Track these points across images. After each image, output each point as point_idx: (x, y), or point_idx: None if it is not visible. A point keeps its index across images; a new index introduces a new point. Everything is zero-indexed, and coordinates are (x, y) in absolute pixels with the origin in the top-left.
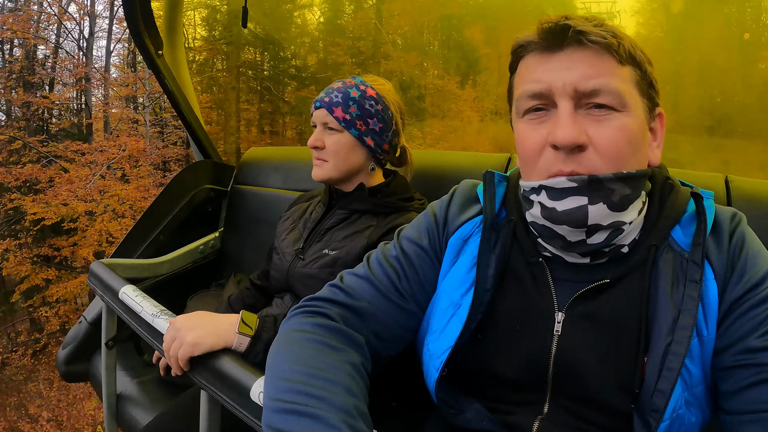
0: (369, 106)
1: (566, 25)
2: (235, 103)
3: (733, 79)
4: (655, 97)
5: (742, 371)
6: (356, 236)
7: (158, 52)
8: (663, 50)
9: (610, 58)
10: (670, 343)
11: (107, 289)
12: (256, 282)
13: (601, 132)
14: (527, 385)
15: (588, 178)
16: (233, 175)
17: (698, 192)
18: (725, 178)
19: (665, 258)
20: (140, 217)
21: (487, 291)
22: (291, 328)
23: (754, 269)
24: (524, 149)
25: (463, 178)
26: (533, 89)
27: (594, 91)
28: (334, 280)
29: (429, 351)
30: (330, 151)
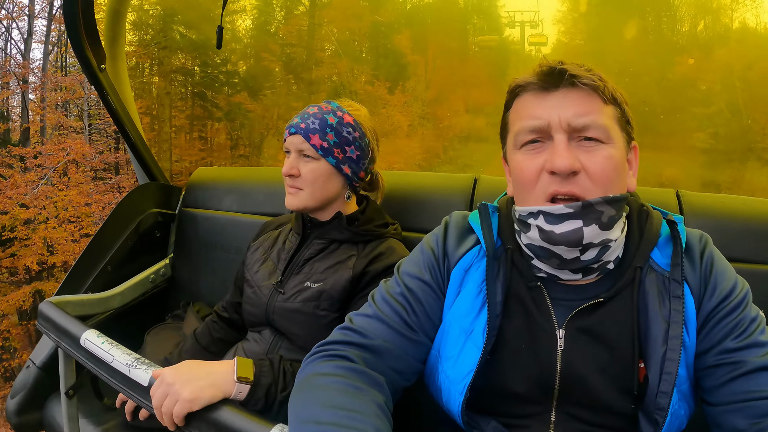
0: (347, 134)
1: (563, 69)
2: (168, 108)
3: (648, 83)
4: (631, 132)
5: (722, 369)
6: (339, 267)
7: (101, 66)
8: (583, 56)
9: (597, 98)
10: (666, 352)
11: (64, 334)
12: (222, 314)
13: (592, 160)
14: (536, 397)
15: (582, 204)
16: (181, 198)
17: (672, 218)
18: (676, 193)
19: (650, 278)
20: (85, 249)
21: (497, 316)
22: (312, 373)
23: (723, 283)
24: (523, 176)
25: (430, 199)
26: (533, 125)
27: (585, 126)
28: (345, 322)
29: (448, 377)
30: (306, 180)
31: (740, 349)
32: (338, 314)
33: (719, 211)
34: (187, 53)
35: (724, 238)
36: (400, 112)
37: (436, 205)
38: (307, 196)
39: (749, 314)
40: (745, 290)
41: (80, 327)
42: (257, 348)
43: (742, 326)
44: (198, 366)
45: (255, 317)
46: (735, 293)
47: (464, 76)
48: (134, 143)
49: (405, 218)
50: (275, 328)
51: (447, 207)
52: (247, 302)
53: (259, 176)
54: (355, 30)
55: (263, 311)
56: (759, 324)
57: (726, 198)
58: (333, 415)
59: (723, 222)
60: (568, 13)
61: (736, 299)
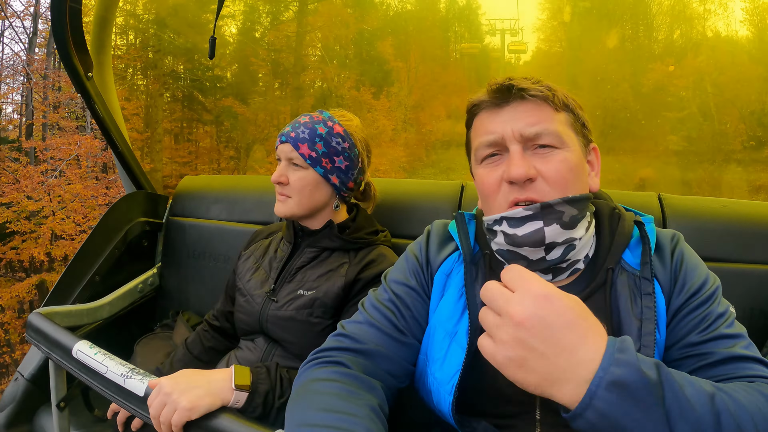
0: (336, 144)
1: (510, 84)
2: (161, 110)
3: (624, 88)
4: (588, 135)
5: (687, 361)
6: (331, 275)
7: (88, 74)
8: (561, 63)
9: (547, 107)
10: (639, 348)
11: (55, 346)
12: (213, 323)
13: (547, 165)
14: (520, 396)
15: (540, 205)
16: (168, 206)
17: (640, 219)
18: (658, 196)
19: (621, 279)
20: (72, 259)
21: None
22: (308, 379)
23: (693, 279)
24: (485, 187)
25: (418, 206)
26: (488, 140)
27: (537, 135)
28: (337, 329)
29: (436, 379)
30: (294, 188)
31: (704, 342)
32: (331, 321)
33: (700, 213)
34: (177, 57)
35: (704, 238)
36: (384, 116)
37: (424, 212)
38: (294, 204)
39: (716, 310)
40: (714, 286)
41: (72, 338)
42: (251, 356)
43: (707, 321)
44: (195, 374)
45: (248, 325)
46: (704, 289)
47: (445, 83)
48: (121, 152)
49: (394, 225)
50: (269, 336)
51: (435, 214)
52: (240, 311)
53: (247, 184)
54: (342, 37)
55: (256, 319)
56: (726, 318)
57: (706, 200)
58: (327, 418)
59: (703, 223)
60: (548, 21)
61: (704, 294)
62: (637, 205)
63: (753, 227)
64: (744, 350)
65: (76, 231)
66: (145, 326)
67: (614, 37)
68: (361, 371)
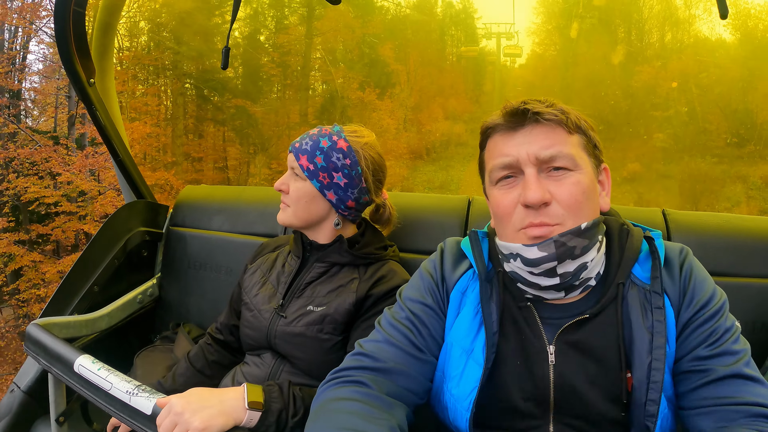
0: (336, 159)
1: (526, 108)
2: (181, 108)
3: (613, 89)
4: (600, 155)
5: (694, 375)
6: (342, 291)
7: (90, 80)
8: (556, 66)
9: (561, 130)
10: (651, 361)
11: (56, 360)
12: (217, 336)
13: (561, 189)
14: (534, 411)
15: (554, 243)
16: (168, 216)
17: (650, 234)
18: (662, 212)
19: (632, 293)
20: (71, 268)
21: (494, 333)
22: (327, 398)
23: (701, 293)
24: (499, 209)
25: (425, 220)
26: (503, 162)
27: (552, 158)
28: (356, 349)
29: (453, 396)
30: (291, 198)
31: (711, 357)
32: (341, 337)
33: (703, 228)
34: (191, 61)
35: (707, 253)
36: (389, 116)
37: (432, 227)
38: (291, 213)
39: (724, 324)
40: (722, 301)
41: (73, 352)
42: (258, 372)
43: (716, 335)
44: (206, 393)
45: (255, 341)
46: (712, 303)
47: (442, 85)
48: (122, 160)
49: (401, 239)
50: (276, 352)
51: (442, 228)
52: (247, 326)
53: (250, 195)
54: (348, 41)
55: (264, 335)
56: (733, 333)
57: (709, 215)
58: None
59: (706, 238)
60: (542, 26)
61: (712, 309)
62: (642, 221)
63: (754, 241)
64: (745, 368)
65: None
66: (145, 338)
67: (606, 41)
68: (381, 390)
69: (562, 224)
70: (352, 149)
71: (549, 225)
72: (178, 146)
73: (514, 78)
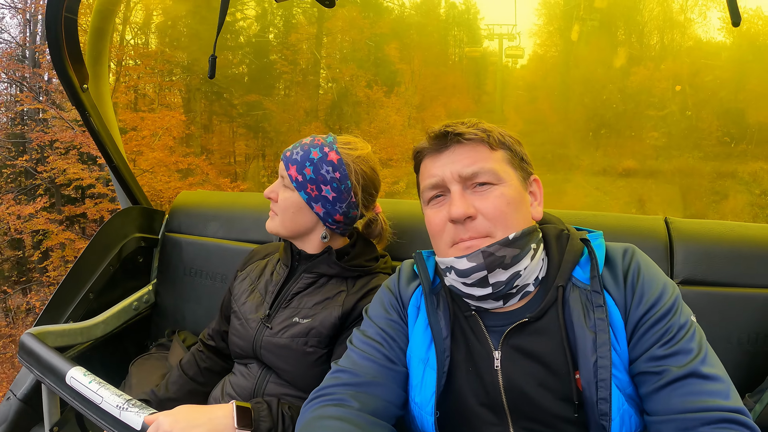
0: (325, 172)
1: (446, 131)
2: (200, 102)
3: (611, 90)
4: (528, 168)
5: (651, 377)
6: (328, 303)
7: (83, 85)
8: (557, 67)
9: (483, 147)
10: (596, 360)
11: (48, 371)
12: (209, 343)
13: (485, 203)
14: (491, 417)
15: (482, 254)
16: (164, 222)
17: (586, 237)
18: (665, 220)
19: (573, 295)
20: (66, 275)
21: (444, 338)
22: (311, 417)
23: (650, 291)
24: (432, 227)
25: (421, 228)
26: (431, 182)
27: (474, 174)
28: (333, 368)
29: (417, 403)
30: (279, 207)
31: (667, 357)
32: (326, 350)
33: (707, 237)
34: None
35: (711, 263)
36: (395, 113)
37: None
38: (279, 222)
39: (678, 321)
40: (674, 297)
41: (65, 363)
42: (245, 382)
43: (670, 333)
44: (195, 411)
45: (242, 350)
46: (663, 301)
47: (444, 85)
48: (116, 165)
49: (396, 248)
50: (262, 362)
51: None
52: (235, 334)
53: (245, 202)
54: (357, 40)
55: (250, 345)
56: (688, 330)
57: (713, 224)
58: None
59: (710, 247)
60: (544, 27)
61: (664, 307)
62: (644, 229)
63: (759, 251)
64: (701, 366)
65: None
66: (140, 345)
67: (606, 44)
68: (363, 406)
69: (491, 236)
70: (343, 162)
71: (477, 238)
72: (196, 137)
73: (515, 78)
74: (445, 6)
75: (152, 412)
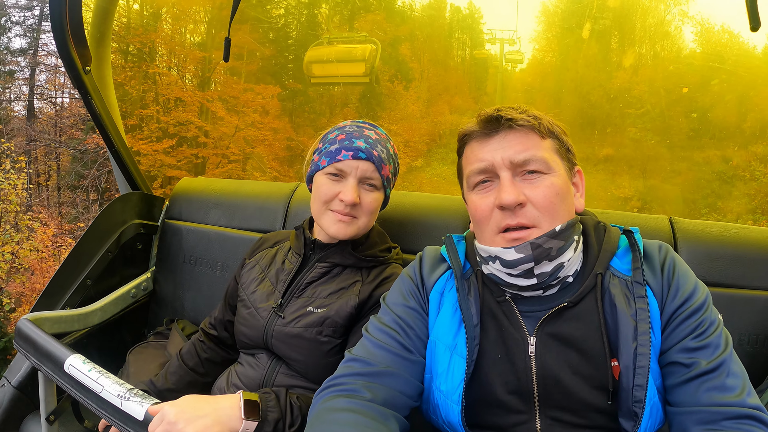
0: (397, 164)
1: (499, 115)
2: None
3: (599, 91)
4: (573, 158)
5: (681, 368)
6: (343, 293)
7: (86, 68)
8: (552, 70)
9: (534, 134)
10: (636, 347)
11: (46, 358)
12: (210, 332)
13: (536, 191)
14: (519, 404)
15: (530, 246)
16: (164, 209)
17: (629, 229)
18: (669, 219)
19: (613, 283)
20: (63, 261)
21: (475, 326)
22: (323, 408)
23: (685, 286)
24: (477, 213)
25: (428, 220)
26: (480, 167)
27: (525, 161)
28: (346, 357)
29: (442, 392)
30: (366, 209)
31: (698, 349)
32: (341, 340)
33: (711, 238)
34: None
35: (715, 264)
36: (412, 104)
37: (435, 227)
38: (362, 225)
39: (709, 317)
40: (705, 294)
41: (64, 351)
42: (253, 373)
43: (702, 326)
44: (201, 401)
45: (251, 340)
46: (696, 296)
47: (448, 85)
48: (117, 150)
49: (404, 240)
50: (272, 353)
51: (445, 228)
52: (242, 323)
53: (248, 190)
54: (382, 40)
55: (260, 334)
56: (718, 326)
57: (716, 225)
58: None
59: (713, 249)
60: (543, 33)
61: (698, 301)
62: (649, 228)
63: (761, 253)
64: (729, 360)
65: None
66: (138, 333)
67: (598, 50)
68: (375, 397)
69: (538, 227)
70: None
71: (526, 227)
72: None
73: (515, 81)
74: (450, 10)
75: (155, 402)
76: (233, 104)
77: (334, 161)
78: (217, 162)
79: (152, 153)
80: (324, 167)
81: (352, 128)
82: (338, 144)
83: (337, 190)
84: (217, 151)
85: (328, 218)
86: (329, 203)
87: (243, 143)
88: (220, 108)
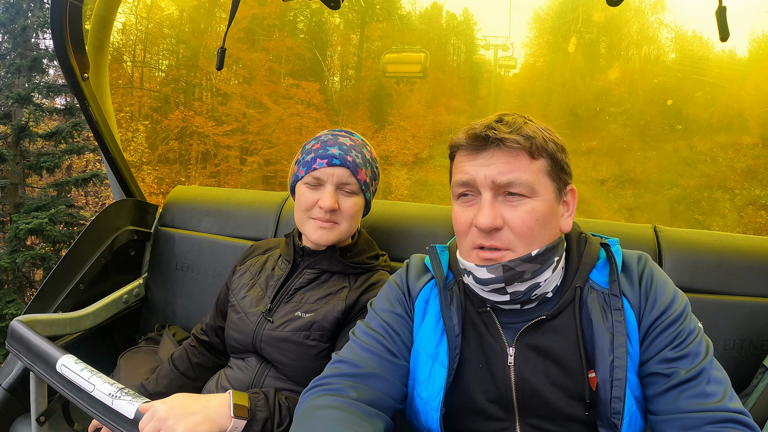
0: (375, 168)
1: (487, 134)
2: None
3: (585, 93)
4: (567, 178)
5: (660, 378)
6: (331, 298)
7: (84, 74)
8: (542, 75)
9: (523, 155)
10: (613, 360)
11: (38, 358)
12: (201, 338)
13: (515, 215)
14: (499, 413)
15: (502, 267)
16: (157, 216)
17: (606, 242)
18: (654, 228)
19: (591, 296)
20: (56, 265)
21: (456, 336)
22: (309, 406)
23: (663, 297)
24: (457, 225)
25: (416, 229)
26: (462, 179)
27: (509, 183)
28: (333, 358)
29: (423, 399)
30: (346, 214)
31: (677, 359)
32: (328, 344)
33: (695, 246)
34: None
35: (699, 271)
36: (416, 103)
37: (422, 235)
38: (344, 230)
39: (688, 326)
40: (684, 303)
41: (56, 351)
42: (242, 376)
43: (681, 336)
44: (191, 399)
45: (240, 344)
46: (674, 306)
47: (444, 88)
48: (112, 157)
49: (392, 248)
50: (261, 356)
51: (432, 237)
52: (233, 328)
53: (240, 198)
54: (388, 46)
55: (250, 339)
56: (697, 335)
57: (700, 233)
58: None
59: (697, 256)
60: (534, 39)
61: (675, 312)
62: (633, 237)
63: (745, 260)
64: (710, 367)
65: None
66: (129, 338)
67: (587, 55)
68: (361, 397)
69: (512, 250)
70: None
71: (499, 249)
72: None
73: (507, 85)
74: (446, 17)
75: (146, 401)
76: (275, 98)
77: (310, 170)
78: (260, 147)
79: (213, 135)
80: (302, 177)
81: (327, 137)
82: (314, 153)
83: (316, 198)
84: (262, 136)
85: (309, 226)
86: (309, 211)
87: (288, 130)
88: (268, 100)
